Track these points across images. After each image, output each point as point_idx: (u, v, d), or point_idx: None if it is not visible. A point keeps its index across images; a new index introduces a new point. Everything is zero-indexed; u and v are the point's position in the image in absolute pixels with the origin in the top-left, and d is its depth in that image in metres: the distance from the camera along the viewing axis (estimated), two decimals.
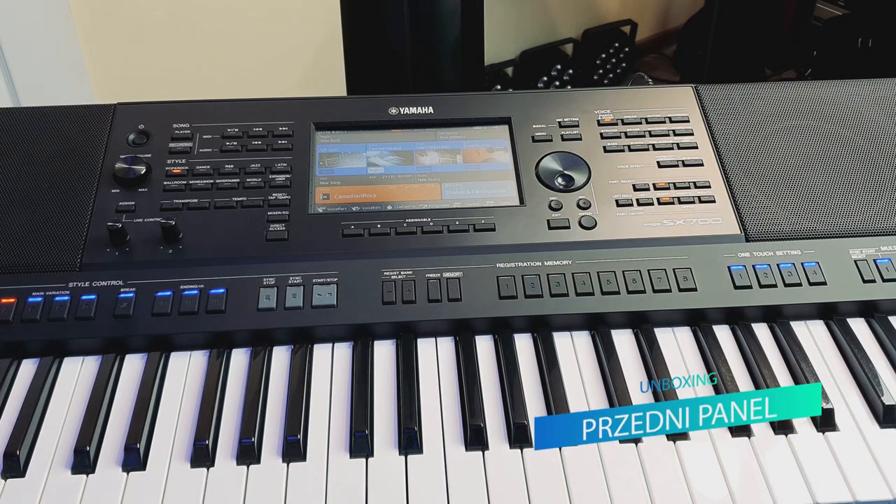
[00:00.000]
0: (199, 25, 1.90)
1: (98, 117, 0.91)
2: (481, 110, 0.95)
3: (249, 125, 0.91)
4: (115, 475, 0.67)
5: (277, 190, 0.86)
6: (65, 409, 0.73)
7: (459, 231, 0.84)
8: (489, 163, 0.91)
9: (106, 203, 0.84)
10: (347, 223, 0.84)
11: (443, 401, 0.74)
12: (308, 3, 1.99)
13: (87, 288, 0.78)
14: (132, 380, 0.75)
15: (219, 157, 0.88)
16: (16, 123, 0.90)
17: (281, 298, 0.78)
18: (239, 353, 0.77)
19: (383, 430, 0.71)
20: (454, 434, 0.71)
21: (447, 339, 0.79)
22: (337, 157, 0.90)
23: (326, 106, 0.94)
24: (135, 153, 0.88)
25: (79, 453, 0.68)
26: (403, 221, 0.84)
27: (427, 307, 0.79)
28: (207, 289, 0.78)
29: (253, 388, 0.73)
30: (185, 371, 0.76)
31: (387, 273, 0.80)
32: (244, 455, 0.68)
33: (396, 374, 0.76)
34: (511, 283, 0.80)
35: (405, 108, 0.94)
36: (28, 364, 0.76)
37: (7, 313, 0.76)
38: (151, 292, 0.78)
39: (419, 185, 0.89)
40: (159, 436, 0.70)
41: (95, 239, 0.81)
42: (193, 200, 0.85)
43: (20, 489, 0.66)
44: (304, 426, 0.71)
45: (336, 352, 0.78)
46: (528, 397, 0.73)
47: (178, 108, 0.92)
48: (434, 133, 0.93)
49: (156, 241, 0.81)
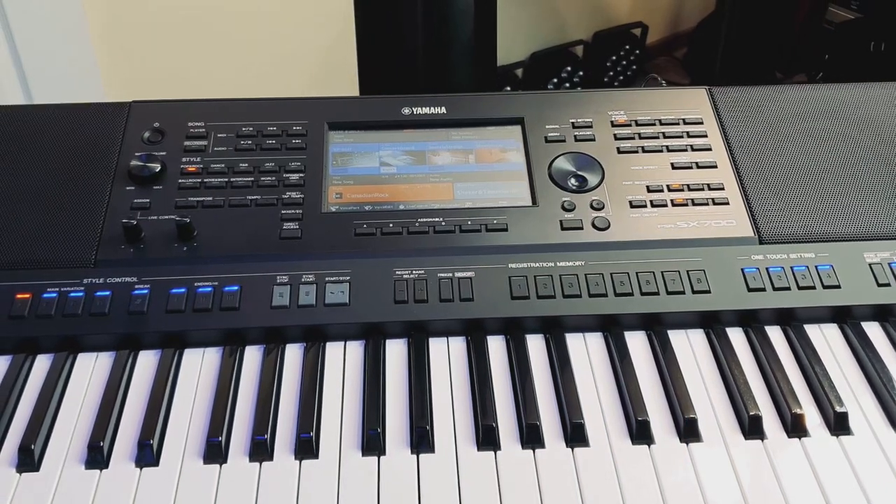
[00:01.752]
0: (210, 24, 1.90)
1: (113, 115, 0.91)
2: (494, 110, 0.95)
3: (264, 124, 0.91)
4: (128, 471, 0.68)
5: (291, 189, 0.86)
6: (79, 404, 0.73)
7: (471, 231, 0.84)
8: (502, 163, 0.91)
9: (121, 200, 0.84)
10: (360, 222, 0.84)
11: (454, 400, 0.74)
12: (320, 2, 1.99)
13: (102, 284, 0.78)
14: (146, 376, 0.75)
15: (233, 155, 0.89)
16: (31, 120, 0.90)
17: (294, 296, 0.78)
18: (252, 351, 0.77)
19: (395, 428, 0.71)
20: (466, 433, 0.71)
21: (459, 338, 0.79)
22: (350, 157, 0.91)
23: (340, 106, 0.94)
24: (150, 151, 0.88)
25: (92, 449, 0.68)
26: (416, 221, 0.85)
27: (439, 307, 0.79)
28: (221, 286, 0.79)
29: (266, 386, 0.73)
30: (198, 368, 0.76)
31: (399, 272, 0.81)
32: (257, 452, 0.69)
33: (408, 373, 0.76)
34: (523, 283, 0.80)
35: (418, 108, 0.94)
36: (42, 360, 0.76)
37: (22, 309, 0.76)
38: (166, 289, 0.78)
39: (431, 185, 0.89)
40: (172, 432, 0.71)
41: (110, 236, 0.82)
42: (208, 198, 0.85)
43: (34, 483, 0.67)
44: (317, 424, 0.71)
45: (348, 350, 0.78)
46: (540, 398, 0.73)
47: (192, 107, 0.93)
48: (447, 133, 0.93)
49: (170, 238, 0.82)
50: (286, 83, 2.03)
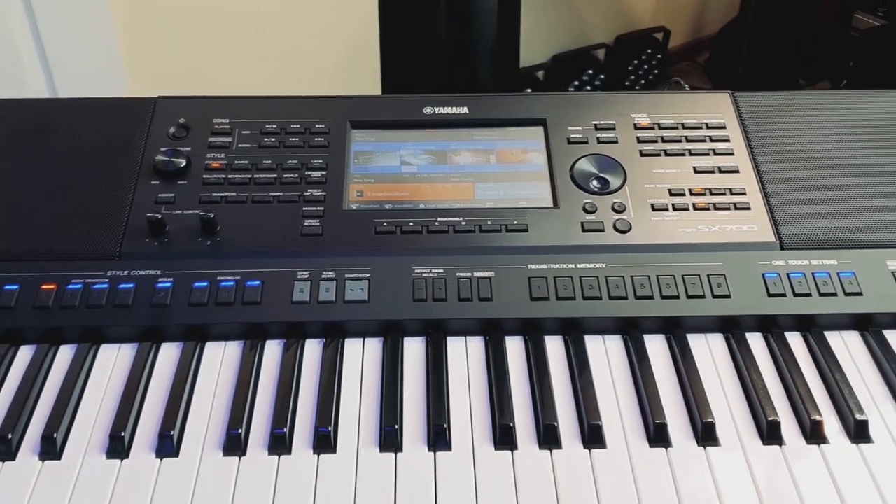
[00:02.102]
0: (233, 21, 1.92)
1: (139, 110, 0.92)
2: (516, 111, 0.95)
3: (287, 122, 0.92)
4: (148, 461, 0.68)
5: (313, 186, 0.87)
6: (101, 395, 0.74)
7: (491, 231, 0.84)
8: (523, 164, 0.91)
9: (146, 194, 0.85)
10: (380, 220, 0.85)
11: (472, 399, 0.74)
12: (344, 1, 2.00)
13: (126, 277, 0.79)
14: (167, 368, 0.76)
15: (257, 152, 0.89)
16: (59, 114, 0.92)
17: (314, 292, 0.79)
18: (272, 345, 0.78)
19: (412, 426, 0.72)
20: (483, 433, 0.71)
21: (477, 338, 0.79)
22: (371, 155, 0.91)
23: (362, 104, 0.95)
24: (175, 146, 0.89)
25: (114, 438, 0.69)
26: (435, 220, 0.85)
27: (458, 306, 0.79)
28: (243, 281, 0.79)
29: (285, 380, 0.74)
30: (219, 361, 0.77)
31: (418, 270, 0.81)
32: (276, 445, 0.69)
33: (426, 371, 0.76)
34: (543, 284, 0.80)
35: (440, 107, 0.95)
36: (65, 350, 0.77)
37: (47, 299, 0.77)
38: (189, 282, 0.79)
39: (452, 185, 0.89)
40: (193, 424, 0.71)
41: (135, 229, 0.83)
42: (231, 194, 0.86)
43: (56, 471, 0.68)
44: (335, 419, 0.71)
45: (367, 347, 0.78)
46: (557, 399, 0.73)
47: (217, 104, 0.94)
48: (468, 133, 0.94)
49: (194, 232, 0.82)
50: (309, 81, 2.05)
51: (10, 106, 0.93)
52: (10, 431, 0.69)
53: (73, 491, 0.66)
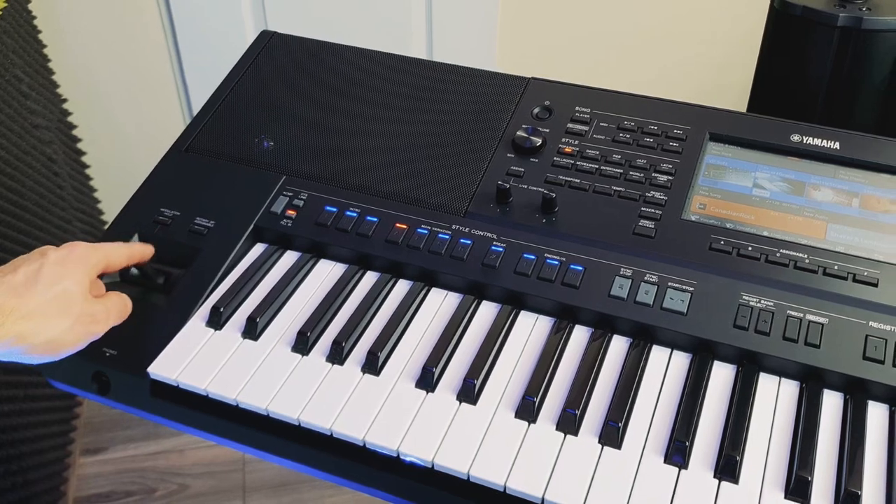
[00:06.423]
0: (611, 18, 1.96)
1: (511, 86, 0.99)
2: (893, 158, 0.87)
3: (646, 122, 0.93)
4: (449, 400, 0.74)
5: (656, 189, 0.87)
6: (422, 330, 0.81)
7: (836, 277, 0.78)
8: (888, 214, 0.83)
9: (500, 164, 0.92)
10: (717, 237, 0.83)
11: (772, 441, 0.70)
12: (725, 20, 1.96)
13: (466, 233, 0.86)
14: (483, 323, 0.81)
15: (609, 145, 0.92)
16: (440, 77, 1.01)
17: (633, 291, 0.80)
18: (580, 330, 0.80)
19: (702, 447, 0.70)
20: (775, 478, 0.67)
21: (792, 382, 0.75)
22: (724, 171, 0.89)
23: (727, 119, 0.93)
24: (535, 125, 0.94)
25: (426, 372, 0.76)
26: (777, 251, 0.81)
27: (780, 344, 0.75)
28: (568, 263, 0.82)
29: (586, 366, 0.76)
30: (528, 331, 0.81)
31: (746, 297, 0.78)
32: (564, 424, 0.71)
33: (730, 399, 0.74)
34: (881, 346, 0.73)
35: (809, 137, 0.89)
36: (402, 284, 0.86)
37: (398, 236, 0.87)
38: (519, 252, 0.84)
39: (803, 219, 0.84)
40: (494, 380, 0.76)
41: (483, 193, 0.89)
42: (576, 180, 0.89)
43: (375, 387, 0.76)
44: (627, 416, 0.72)
45: (673, 358, 0.78)
46: (867, 467, 0.67)
47: (583, 93, 0.97)
48: (834, 170, 0.88)
49: (534, 208, 0.87)
50: (673, 86, 2.04)
51: (399, 63, 1.03)
52: (344, 340, 0.79)
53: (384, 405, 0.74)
